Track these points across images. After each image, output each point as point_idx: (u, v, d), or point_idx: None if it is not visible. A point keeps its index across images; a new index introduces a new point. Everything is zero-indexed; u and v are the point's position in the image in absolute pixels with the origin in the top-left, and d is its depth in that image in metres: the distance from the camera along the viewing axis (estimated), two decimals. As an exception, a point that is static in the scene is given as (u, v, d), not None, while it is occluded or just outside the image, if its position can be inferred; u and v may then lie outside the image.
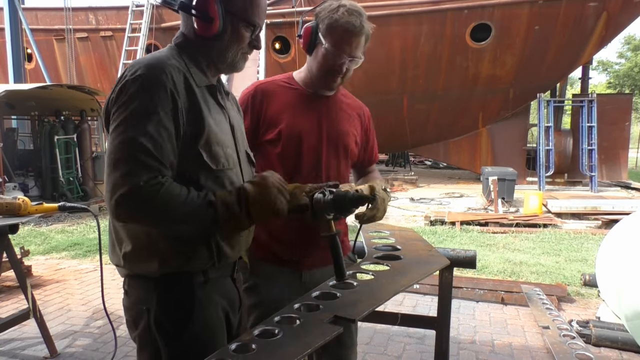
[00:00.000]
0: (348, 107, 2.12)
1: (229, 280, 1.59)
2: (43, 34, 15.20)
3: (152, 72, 1.33)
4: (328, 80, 1.94)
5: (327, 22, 1.87)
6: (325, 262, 2.06)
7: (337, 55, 1.87)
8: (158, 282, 1.40)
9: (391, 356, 3.65)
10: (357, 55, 1.91)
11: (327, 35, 1.86)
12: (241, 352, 1.15)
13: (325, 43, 1.87)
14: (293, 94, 2.00)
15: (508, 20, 12.97)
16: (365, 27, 1.89)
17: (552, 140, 13.22)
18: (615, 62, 34.27)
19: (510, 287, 4.96)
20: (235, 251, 1.53)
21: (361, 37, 1.89)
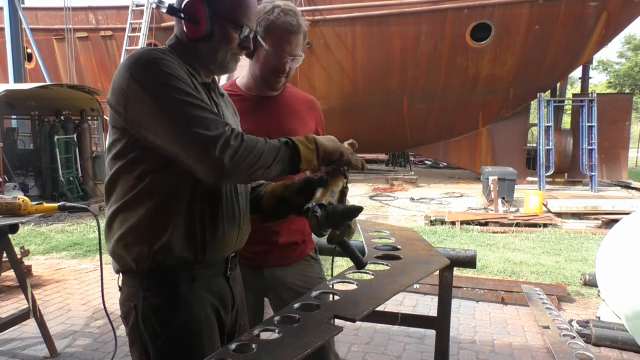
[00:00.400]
0: (297, 103, 2.13)
1: (220, 278, 1.57)
2: (43, 34, 15.21)
3: (158, 55, 1.37)
4: (272, 81, 1.97)
5: (264, 24, 1.88)
6: (287, 262, 2.10)
7: (279, 56, 1.90)
8: (144, 278, 1.43)
9: (391, 356, 3.65)
10: (298, 53, 1.93)
11: (267, 37, 1.88)
12: (241, 352, 1.15)
13: (266, 45, 1.89)
14: (236, 100, 1.99)
15: (508, 20, 12.97)
16: (302, 25, 1.92)
17: (552, 139, 13.22)
18: (616, 61, 34.30)
19: (510, 287, 4.96)
20: (222, 248, 1.53)
21: (300, 35, 1.92)
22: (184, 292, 1.45)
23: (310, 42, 13.59)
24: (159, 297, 1.43)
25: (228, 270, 1.60)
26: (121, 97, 1.34)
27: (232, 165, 1.30)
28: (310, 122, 2.14)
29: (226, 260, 1.58)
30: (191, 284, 1.47)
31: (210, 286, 1.52)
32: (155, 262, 1.42)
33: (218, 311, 1.55)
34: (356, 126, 14.15)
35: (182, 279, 1.45)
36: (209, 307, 1.51)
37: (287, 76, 1.98)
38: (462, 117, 14.51)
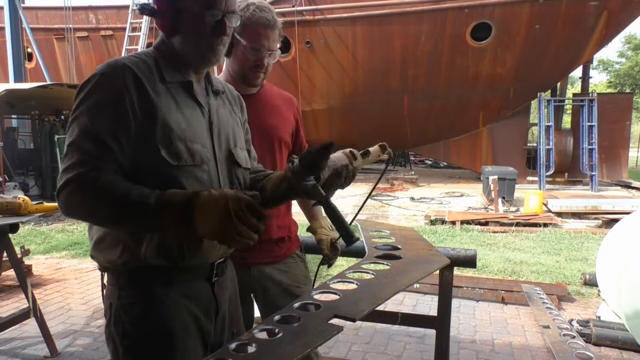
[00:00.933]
0: (275, 99, 2.16)
1: (203, 284, 1.51)
2: (43, 33, 15.20)
3: (106, 71, 1.35)
4: (251, 77, 1.98)
5: (240, 21, 1.90)
6: (273, 259, 2.11)
7: (257, 50, 1.92)
8: (120, 277, 1.43)
9: (391, 355, 3.65)
10: (275, 48, 1.96)
11: (244, 33, 1.91)
12: (241, 352, 1.15)
13: (243, 41, 1.91)
14: None
15: (508, 20, 12.96)
16: (277, 20, 1.95)
17: (552, 139, 13.22)
18: (616, 61, 34.28)
19: (510, 287, 4.96)
20: (203, 254, 1.47)
21: (275, 31, 1.95)
22: (159, 294, 1.42)
23: (310, 42, 13.60)
24: (133, 297, 1.42)
25: (214, 277, 1.54)
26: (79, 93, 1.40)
27: (64, 207, 1.29)
28: (290, 118, 2.18)
29: (211, 265, 1.53)
30: (167, 287, 1.43)
31: (190, 291, 1.48)
32: (130, 264, 1.40)
33: (197, 318, 1.49)
34: (356, 126, 14.16)
35: (158, 281, 1.43)
36: (186, 312, 1.46)
37: (266, 72, 2.01)
38: (462, 116, 14.51)
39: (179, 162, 1.38)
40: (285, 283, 2.10)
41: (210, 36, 1.44)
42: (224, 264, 1.60)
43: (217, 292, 1.55)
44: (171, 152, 1.37)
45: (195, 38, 1.44)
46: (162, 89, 1.41)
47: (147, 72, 1.40)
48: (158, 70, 1.43)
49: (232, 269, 1.71)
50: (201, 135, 1.47)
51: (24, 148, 11.85)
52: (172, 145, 1.37)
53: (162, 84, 1.42)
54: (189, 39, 1.44)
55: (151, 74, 1.41)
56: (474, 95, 14.11)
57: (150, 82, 1.39)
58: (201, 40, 1.44)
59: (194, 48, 1.45)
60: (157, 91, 1.39)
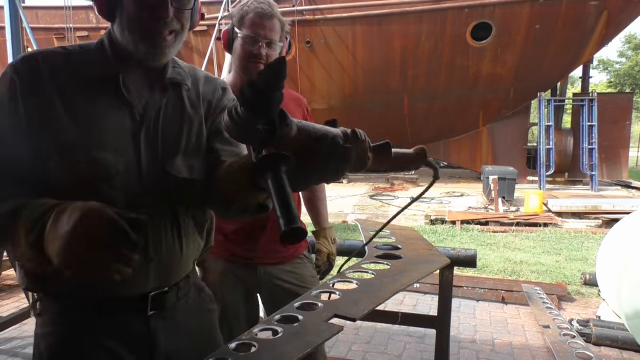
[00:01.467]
0: (285, 100, 2.12)
1: (131, 317, 1.23)
2: (43, 33, 15.20)
3: (9, 70, 1.16)
4: (251, 69, 1.95)
5: (238, 15, 1.93)
6: (280, 260, 2.10)
7: (253, 39, 1.90)
8: (38, 301, 1.25)
9: (391, 355, 3.65)
10: (273, 38, 1.93)
11: (241, 25, 1.92)
12: (241, 351, 1.15)
13: (240, 32, 1.92)
14: None
15: (508, 19, 12.96)
16: (275, 10, 1.93)
17: (552, 139, 13.22)
18: (616, 61, 34.25)
19: (510, 286, 4.96)
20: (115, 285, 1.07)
21: (274, 20, 1.92)
22: (73, 326, 1.20)
23: (310, 41, 13.59)
24: (46, 326, 1.22)
25: (149, 310, 1.25)
26: None
27: None
28: (298, 117, 2.15)
29: (143, 297, 1.24)
30: (83, 318, 1.20)
31: (109, 325, 1.22)
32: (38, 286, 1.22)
33: (120, 358, 1.23)
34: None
35: (73, 309, 1.20)
36: (103, 352, 1.21)
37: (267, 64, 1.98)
38: (462, 116, 14.51)
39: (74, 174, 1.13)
40: (292, 284, 2.09)
41: (146, 19, 1.15)
42: (169, 293, 1.29)
43: (155, 327, 1.26)
44: (63, 162, 1.12)
45: (131, 22, 1.16)
46: (75, 86, 1.17)
47: (60, 68, 1.17)
48: (78, 63, 1.19)
49: (200, 296, 1.41)
50: (117, 141, 1.18)
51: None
52: (65, 154, 1.12)
53: (76, 80, 1.17)
54: (124, 24, 1.16)
55: (66, 70, 1.18)
56: (474, 95, 14.11)
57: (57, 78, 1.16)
58: (136, 24, 1.15)
59: (130, 35, 1.16)
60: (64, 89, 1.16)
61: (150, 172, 1.21)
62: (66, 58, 1.19)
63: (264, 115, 0.87)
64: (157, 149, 1.22)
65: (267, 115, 0.88)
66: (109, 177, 1.15)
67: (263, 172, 0.89)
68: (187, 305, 1.34)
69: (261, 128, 0.88)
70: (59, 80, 1.16)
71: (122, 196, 1.16)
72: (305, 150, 0.92)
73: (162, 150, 1.23)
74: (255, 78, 0.83)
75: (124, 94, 1.20)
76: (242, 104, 0.86)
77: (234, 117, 0.88)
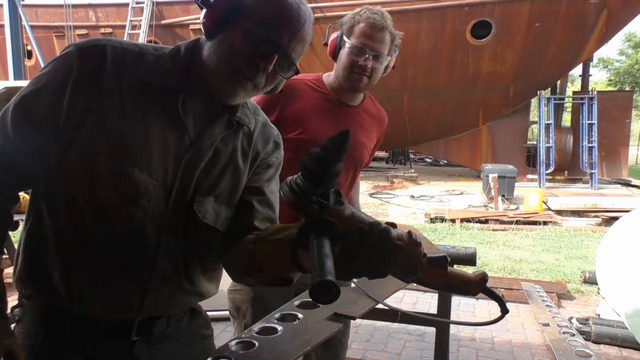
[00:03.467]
0: (370, 117, 2.10)
1: (115, 342, 1.14)
2: (43, 31, 15.18)
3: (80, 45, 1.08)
4: (353, 79, 1.90)
5: (349, 23, 1.89)
6: None
7: (360, 50, 1.86)
8: (16, 307, 1.21)
9: (391, 353, 3.65)
10: (381, 51, 1.88)
11: (350, 34, 1.87)
12: (242, 349, 1.15)
13: (348, 42, 1.87)
14: (320, 97, 1.98)
15: (508, 17, 12.95)
16: (388, 23, 1.88)
17: (552, 137, 13.22)
18: (616, 59, 34.26)
19: (510, 285, 4.96)
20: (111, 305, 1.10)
21: (384, 33, 1.87)
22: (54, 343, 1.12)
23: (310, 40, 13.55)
24: (24, 337, 1.15)
25: (134, 335, 1.15)
26: None
27: None
28: (374, 137, 2.12)
29: (128, 322, 1.15)
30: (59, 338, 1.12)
31: (89, 347, 1.13)
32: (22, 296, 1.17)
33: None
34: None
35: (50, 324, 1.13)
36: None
37: (370, 77, 1.92)
38: (462, 114, 14.50)
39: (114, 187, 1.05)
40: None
41: (244, 59, 1.05)
42: (161, 320, 1.19)
43: (139, 354, 1.16)
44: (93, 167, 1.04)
45: (229, 55, 1.05)
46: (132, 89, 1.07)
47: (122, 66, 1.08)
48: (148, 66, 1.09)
49: (200, 324, 1.31)
50: (154, 160, 1.07)
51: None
52: (98, 160, 1.04)
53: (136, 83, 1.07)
54: (221, 51, 1.06)
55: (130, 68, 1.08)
56: (474, 94, 14.10)
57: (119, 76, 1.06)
58: (230, 56, 1.05)
59: (215, 59, 1.06)
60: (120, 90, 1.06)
61: (177, 203, 1.11)
62: (135, 57, 1.09)
63: (321, 186, 0.87)
64: (192, 183, 1.12)
65: (325, 187, 0.87)
66: (136, 195, 1.06)
67: (307, 232, 0.86)
68: (179, 332, 1.24)
69: (315, 200, 0.87)
70: (120, 80, 1.06)
71: (141, 217, 1.07)
72: (354, 233, 0.87)
73: (196, 186, 1.13)
74: (319, 150, 0.85)
75: (180, 114, 1.09)
76: (302, 173, 0.86)
77: (294, 189, 0.87)
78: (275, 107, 1.89)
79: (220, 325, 3.81)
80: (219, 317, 3.86)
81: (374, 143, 2.12)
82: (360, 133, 2.03)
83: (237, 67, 1.05)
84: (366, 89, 2.00)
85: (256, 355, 1.12)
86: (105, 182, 1.03)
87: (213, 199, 1.15)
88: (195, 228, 1.13)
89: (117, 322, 1.13)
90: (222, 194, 1.17)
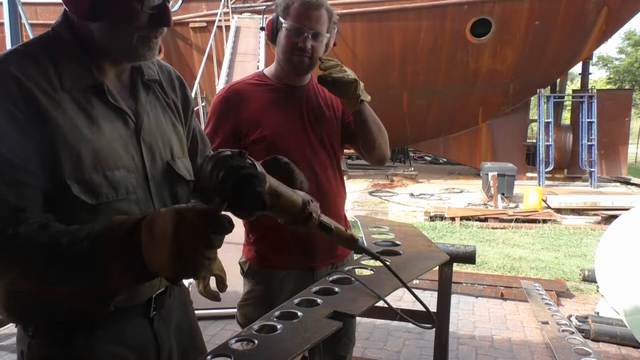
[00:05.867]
0: (323, 89, 2.05)
1: (139, 322, 1.20)
2: (42, 29, 14.80)
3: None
4: (294, 61, 1.88)
5: (283, 4, 1.86)
6: (337, 259, 2.03)
7: (298, 30, 1.83)
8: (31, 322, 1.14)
9: (391, 351, 3.66)
10: (319, 29, 1.85)
11: (286, 16, 1.85)
12: (241, 347, 1.16)
13: (285, 23, 1.85)
14: (266, 90, 1.95)
15: (508, 16, 12.94)
16: (323, 1, 1.85)
17: (552, 135, 13.23)
18: (616, 57, 34.24)
19: (509, 283, 4.97)
20: (135, 294, 1.16)
21: (321, 11, 1.85)
22: (77, 344, 1.11)
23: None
24: (45, 349, 1.11)
25: (152, 312, 1.23)
26: None
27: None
28: (335, 105, 2.07)
29: (148, 300, 1.21)
30: (89, 334, 1.12)
31: (119, 334, 1.16)
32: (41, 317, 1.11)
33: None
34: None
35: (78, 328, 1.11)
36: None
37: (312, 58, 1.88)
38: (462, 113, 14.50)
39: (98, 199, 1.05)
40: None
41: (146, 27, 1.08)
42: (166, 293, 1.28)
43: (158, 328, 1.25)
44: (86, 187, 1.03)
45: (125, 27, 1.07)
46: (65, 100, 1.04)
47: (40, 79, 1.02)
48: (56, 72, 1.05)
49: (180, 290, 1.38)
50: (124, 156, 1.11)
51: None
52: (85, 179, 1.03)
53: (63, 92, 1.05)
54: (115, 29, 1.07)
55: (46, 80, 1.03)
56: (474, 92, 14.10)
57: (45, 94, 1.02)
58: (133, 31, 1.07)
59: (122, 41, 1.08)
60: (56, 103, 1.02)
61: (158, 181, 1.19)
62: (39, 66, 1.04)
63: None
64: (156, 156, 1.19)
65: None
66: (128, 194, 1.11)
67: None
68: (175, 302, 1.33)
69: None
70: (48, 95, 1.02)
71: (136, 208, 1.12)
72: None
73: (161, 155, 1.20)
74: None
75: (113, 102, 1.12)
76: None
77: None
78: (227, 117, 1.88)
79: (219, 323, 3.82)
80: (219, 316, 3.87)
81: (339, 110, 2.05)
82: (320, 106, 2.00)
83: (141, 37, 1.08)
84: (309, 70, 1.96)
85: (256, 353, 1.12)
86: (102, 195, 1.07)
87: (177, 158, 1.25)
88: (177, 189, 1.25)
89: (141, 303, 1.19)
90: (178, 149, 1.27)
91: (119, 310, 1.14)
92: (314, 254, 1.95)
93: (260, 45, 10.21)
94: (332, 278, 1.58)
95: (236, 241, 2.88)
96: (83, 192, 1.03)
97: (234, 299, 2.17)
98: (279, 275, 1.94)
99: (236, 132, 1.89)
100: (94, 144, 1.06)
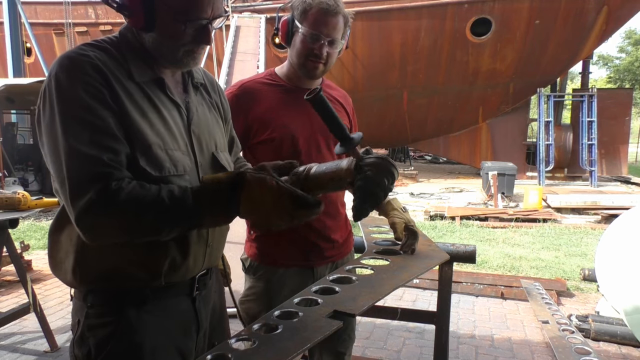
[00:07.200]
0: (335, 97, 2.06)
1: (183, 300, 1.35)
2: (42, 28, 15.17)
3: (72, 64, 1.15)
4: (309, 67, 1.87)
5: (301, 8, 1.84)
6: (338, 257, 2.03)
7: (315, 37, 1.82)
8: (89, 293, 1.26)
9: (391, 351, 3.66)
10: (336, 36, 1.85)
11: (303, 20, 1.83)
12: (241, 347, 1.15)
13: (302, 28, 1.83)
14: (278, 90, 1.95)
15: (508, 15, 12.95)
16: (341, 7, 1.85)
17: (552, 135, 13.22)
18: (616, 56, 34.27)
19: (509, 282, 4.97)
20: (185, 271, 1.31)
21: (338, 18, 1.84)
22: (130, 315, 1.25)
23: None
24: (101, 317, 1.25)
25: (195, 291, 1.37)
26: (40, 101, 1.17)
27: (96, 239, 1.14)
28: (345, 118, 2.08)
29: (192, 280, 1.36)
30: (141, 307, 1.26)
31: (166, 310, 1.31)
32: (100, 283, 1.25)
33: (175, 338, 1.33)
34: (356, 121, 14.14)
35: (131, 300, 1.26)
36: (160, 334, 1.29)
37: (326, 64, 1.88)
38: (462, 112, 14.51)
39: (161, 172, 1.20)
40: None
41: (191, 43, 1.25)
42: (207, 275, 1.42)
43: (199, 307, 1.39)
44: (152, 161, 1.19)
45: (172, 42, 1.24)
46: (133, 88, 1.22)
47: (114, 69, 1.20)
48: (125, 64, 1.23)
49: (217, 276, 1.54)
50: (180, 141, 1.29)
51: (24, 143, 11.85)
52: (152, 154, 1.19)
53: (132, 82, 1.22)
54: (164, 40, 1.24)
55: (119, 71, 1.21)
56: (474, 91, 14.11)
57: (119, 81, 1.19)
58: (179, 46, 1.24)
59: (169, 51, 1.25)
60: (127, 91, 1.20)
61: (205, 168, 1.34)
62: (113, 59, 1.22)
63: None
64: (203, 147, 1.35)
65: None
66: (184, 173, 1.26)
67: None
68: (213, 285, 1.47)
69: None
70: (121, 83, 1.20)
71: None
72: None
73: (207, 146, 1.37)
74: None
75: (171, 95, 1.30)
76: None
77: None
78: (238, 115, 1.86)
79: (220, 322, 3.82)
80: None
81: (345, 121, 2.05)
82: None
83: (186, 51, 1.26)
84: (322, 75, 1.96)
85: (256, 352, 1.12)
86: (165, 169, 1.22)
87: (220, 151, 1.42)
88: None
89: (185, 282, 1.33)
90: (221, 143, 1.45)
91: (167, 286, 1.28)
92: (314, 251, 1.96)
93: (260, 45, 10.21)
94: (332, 277, 1.58)
95: (236, 240, 2.89)
96: (149, 165, 1.18)
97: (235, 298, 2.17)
98: (279, 271, 1.94)
99: (246, 130, 1.89)
100: (158, 127, 1.23)
